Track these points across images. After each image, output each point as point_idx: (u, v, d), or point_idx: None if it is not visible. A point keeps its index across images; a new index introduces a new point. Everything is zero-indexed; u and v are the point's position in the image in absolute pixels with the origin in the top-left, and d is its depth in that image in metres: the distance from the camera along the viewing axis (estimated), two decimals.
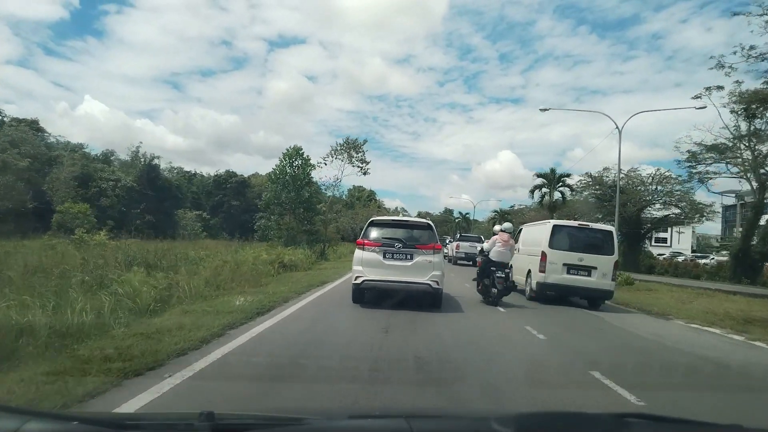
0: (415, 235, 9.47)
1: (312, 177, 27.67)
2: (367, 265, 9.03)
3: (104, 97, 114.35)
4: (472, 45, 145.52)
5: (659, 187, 27.54)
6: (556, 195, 40.38)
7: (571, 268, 12.10)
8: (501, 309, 10.61)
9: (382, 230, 9.52)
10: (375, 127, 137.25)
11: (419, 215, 70.70)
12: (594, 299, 12.28)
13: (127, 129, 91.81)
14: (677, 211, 28.28)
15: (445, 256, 16.62)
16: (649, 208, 28.21)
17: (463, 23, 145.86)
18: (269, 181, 28.31)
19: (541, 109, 20.48)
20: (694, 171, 22.37)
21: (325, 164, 28.94)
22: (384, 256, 9.04)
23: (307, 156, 27.79)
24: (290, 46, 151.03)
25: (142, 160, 39.53)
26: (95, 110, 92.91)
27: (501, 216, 51.57)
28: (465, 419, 1.78)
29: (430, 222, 10.45)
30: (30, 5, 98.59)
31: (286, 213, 26.57)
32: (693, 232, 60.39)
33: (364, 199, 68.59)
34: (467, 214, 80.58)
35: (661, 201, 27.82)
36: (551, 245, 12.25)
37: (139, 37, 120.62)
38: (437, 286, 9.14)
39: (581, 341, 7.85)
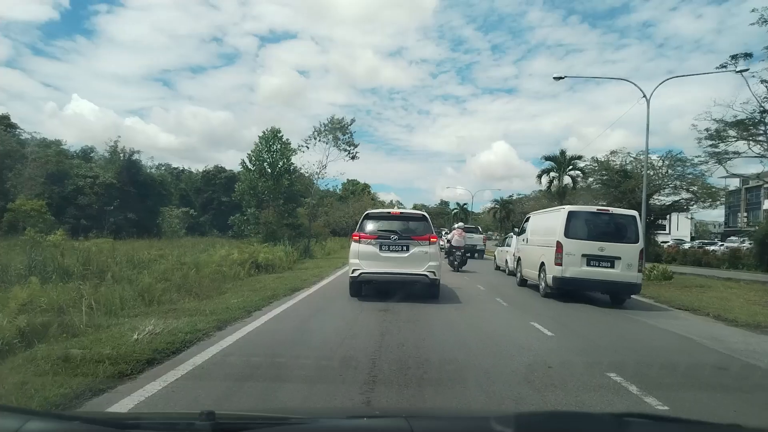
0: (411, 226, 9.47)
1: (293, 164, 24.53)
2: (363, 257, 9.05)
3: (94, 97, 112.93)
4: (463, 36, 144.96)
5: (669, 171, 25.83)
6: (565, 179, 37.52)
7: (591, 259, 10.44)
8: (503, 302, 10.03)
9: (377, 223, 9.52)
10: (368, 121, 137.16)
11: (415, 208, 68.99)
12: (618, 294, 10.66)
13: (117, 128, 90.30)
14: (687, 195, 26.60)
15: (441, 249, 15.67)
16: (656, 194, 26.51)
17: (454, 15, 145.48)
18: (243, 168, 24.86)
19: (555, 78, 18.37)
20: (715, 150, 20.56)
21: (307, 148, 24.85)
22: (380, 249, 9.06)
23: (287, 140, 24.54)
24: (281, 41, 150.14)
25: (122, 155, 37.46)
26: (85, 110, 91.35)
27: (502, 206, 49.93)
28: (465, 419, 1.73)
29: (425, 213, 10.37)
30: (19, 6, 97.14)
31: (265, 205, 23.55)
32: (691, 218, 58.88)
33: (358, 193, 66.71)
34: (465, 204, 78.65)
35: (671, 185, 26.07)
36: (567, 234, 10.58)
37: (129, 36, 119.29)
38: (434, 277, 9.15)
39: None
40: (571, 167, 37.41)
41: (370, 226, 9.45)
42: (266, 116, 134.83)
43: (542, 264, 11.47)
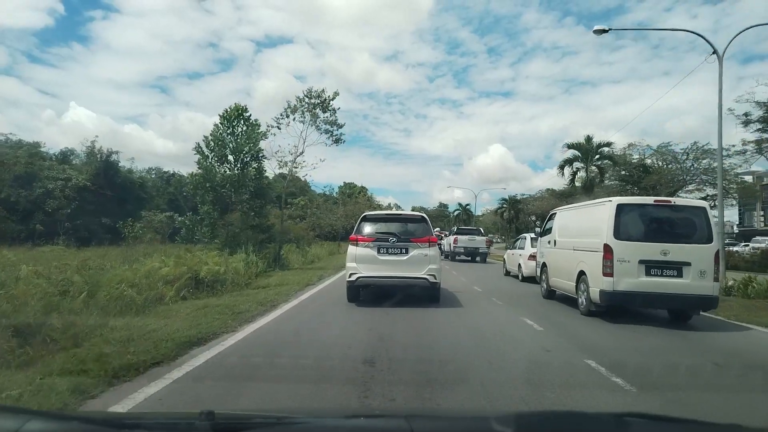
0: (410, 228, 9.14)
1: (262, 150, 18.53)
2: (361, 261, 8.77)
3: (91, 104, 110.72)
4: (459, 39, 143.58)
5: (695, 165, 23.10)
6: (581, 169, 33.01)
7: (651, 266, 7.86)
8: (536, 325, 7.07)
9: (375, 225, 9.21)
10: (366, 125, 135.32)
11: (413, 210, 66.29)
12: (689, 310, 8.13)
13: (115, 135, 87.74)
14: (713, 192, 23.96)
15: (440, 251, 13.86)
16: (681, 191, 23.84)
17: (450, 18, 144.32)
18: (198, 154, 18.12)
19: (595, 31, 13.99)
20: (764, 136, 17.86)
21: (279, 129, 18.73)
22: (378, 252, 8.78)
23: (256, 120, 18.56)
24: (277, 45, 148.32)
25: (98, 156, 34.69)
26: (82, 117, 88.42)
27: (511, 205, 46.48)
28: (465, 419, 1.73)
29: (424, 215, 10.03)
30: (15, 14, 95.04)
31: (228, 201, 18.04)
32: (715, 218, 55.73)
33: (355, 196, 63.86)
34: (467, 205, 75.17)
35: (696, 180, 23.35)
36: (618, 234, 8.00)
37: (125, 42, 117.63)
38: (434, 280, 8.82)
39: None
40: (597, 156, 32.14)
41: (367, 228, 9.08)
42: (263, 121, 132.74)
43: (581, 274, 8.88)
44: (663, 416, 1.59)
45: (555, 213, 11.46)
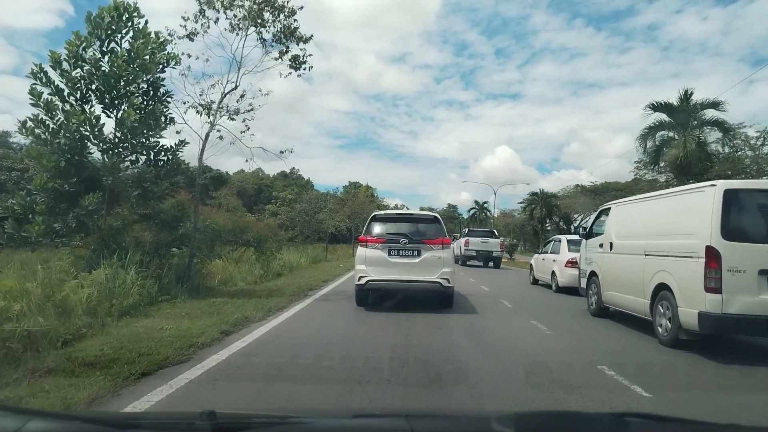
0: (422, 229, 8.69)
1: (164, 85, 9.58)
2: (370, 263, 8.33)
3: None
4: (467, 41, 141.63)
5: None
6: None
7: None
8: (622, 379, 4.10)
9: (385, 225, 8.78)
10: (373, 127, 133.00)
11: (422, 210, 63.67)
12: None
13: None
14: None
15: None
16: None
17: (458, 20, 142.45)
18: (35, 82, 8.29)
19: None
20: None
21: (191, 39, 10.27)
22: (389, 254, 8.36)
23: (157, 34, 9.37)
24: None
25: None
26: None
27: (542, 201, 41.41)
28: (465, 418, 1.71)
29: (436, 215, 9.57)
30: (25, 15, 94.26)
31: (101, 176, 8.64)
32: None
33: (362, 195, 61.11)
34: (485, 203, 67.92)
35: None
36: (728, 233, 5.60)
37: None
38: (448, 284, 8.33)
39: None
40: (696, 123, 20.96)
41: (377, 228, 8.68)
42: (269, 122, 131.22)
43: (661, 288, 6.50)
44: (663, 416, 1.54)
45: (609, 208, 9.05)
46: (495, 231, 27.37)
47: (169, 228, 9.78)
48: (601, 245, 8.84)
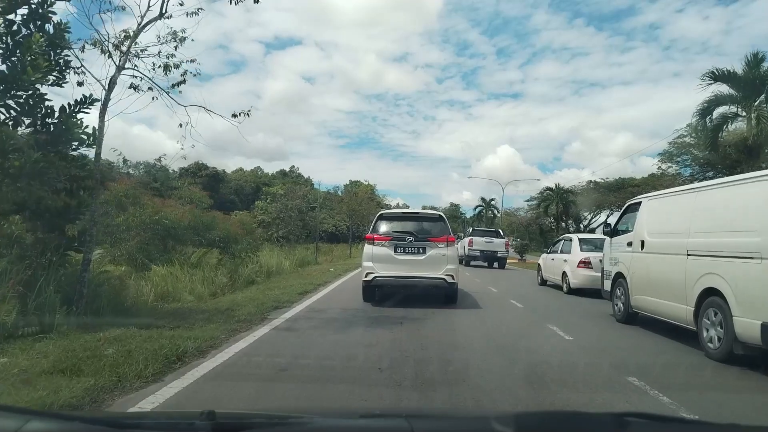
0: (427, 227, 8.91)
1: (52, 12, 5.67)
2: (377, 260, 8.52)
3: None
4: (468, 41, 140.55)
5: None
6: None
7: None
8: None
9: (391, 223, 9.00)
10: (374, 127, 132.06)
11: (424, 209, 62.37)
12: None
13: (125, 136, 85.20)
14: None
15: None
16: None
17: (459, 19, 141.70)
18: None
19: None
20: None
21: None
22: (395, 251, 8.55)
23: None
24: (286, 47, 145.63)
25: None
26: (90, 119, 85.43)
27: (558, 196, 39.11)
28: (465, 419, 1.66)
29: (441, 213, 9.86)
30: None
31: None
32: None
33: (362, 193, 59.71)
34: (492, 200, 63.79)
35: None
36: None
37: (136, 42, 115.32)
38: (452, 281, 8.51)
39: None
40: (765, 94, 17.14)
41: (383, 227, 8.92)
42: (272, 122, 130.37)
43: (708, 293, 5.57)
44: (663, 416, 1.55)
45: (639, 202, 8.10)
46: (500, 231, 26.46)
47: (57, 223, 6.32)
48: (629, 244, 7.90)
